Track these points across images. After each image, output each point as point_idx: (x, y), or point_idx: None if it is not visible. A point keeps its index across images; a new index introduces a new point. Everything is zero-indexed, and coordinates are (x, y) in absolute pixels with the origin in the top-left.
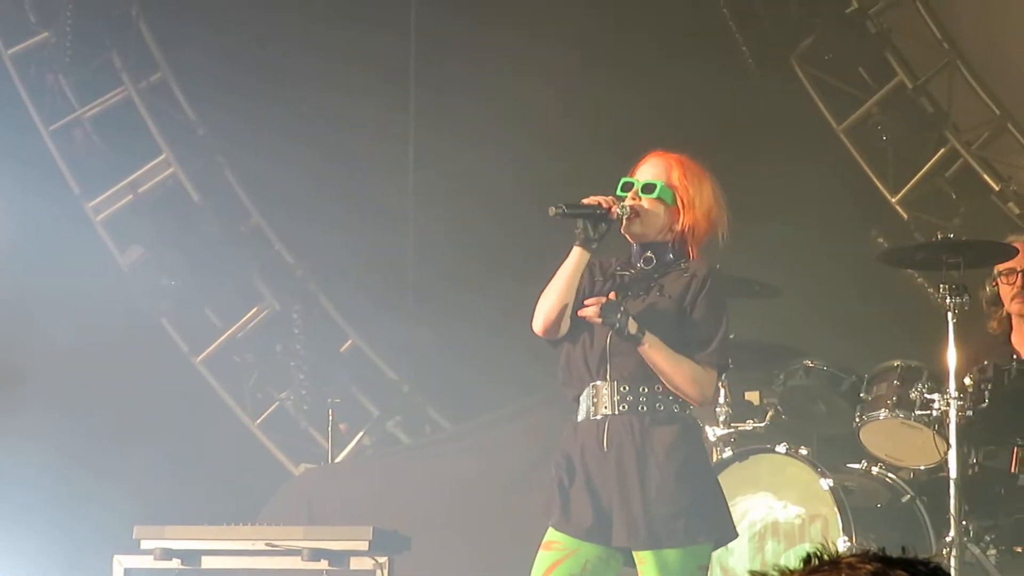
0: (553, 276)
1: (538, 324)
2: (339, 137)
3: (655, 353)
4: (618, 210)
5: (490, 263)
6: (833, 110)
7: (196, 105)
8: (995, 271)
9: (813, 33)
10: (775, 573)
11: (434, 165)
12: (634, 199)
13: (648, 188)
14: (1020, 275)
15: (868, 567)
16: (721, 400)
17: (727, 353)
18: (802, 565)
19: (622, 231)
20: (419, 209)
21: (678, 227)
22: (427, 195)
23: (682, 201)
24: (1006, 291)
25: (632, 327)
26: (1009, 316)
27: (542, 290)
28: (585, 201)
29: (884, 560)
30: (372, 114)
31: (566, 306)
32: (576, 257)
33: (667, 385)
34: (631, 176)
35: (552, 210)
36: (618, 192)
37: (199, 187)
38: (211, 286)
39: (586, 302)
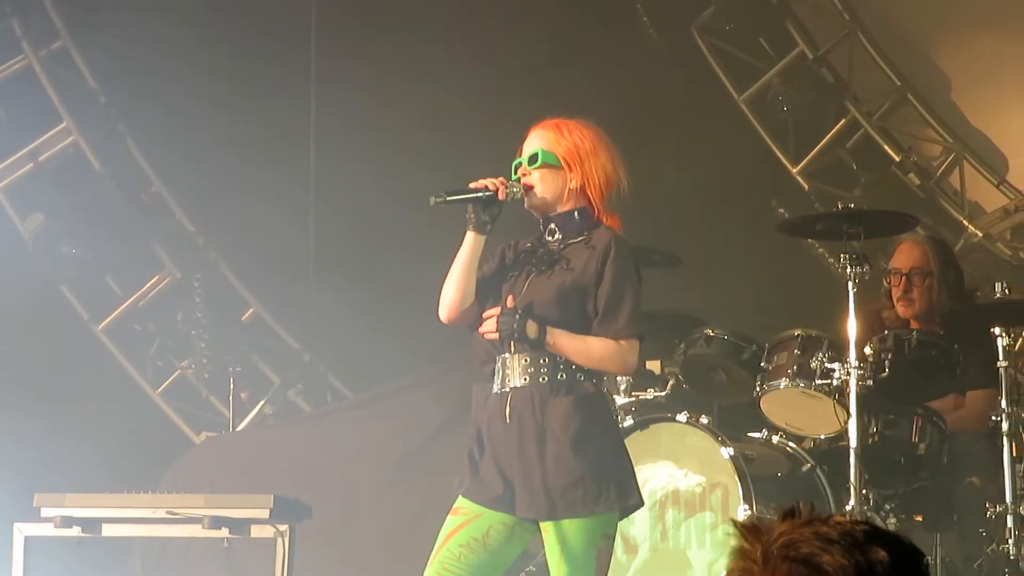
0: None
1: (443, 313)
2: (240, 105)
3: (562, 345)
4: (507, 191)
5: (391, 231)
6: (734, 80)
7: (98, 74)
8: (888, 267)
9: (714, 3)
10: (766, 518)
11: (336, 132)
12: (525, 175)
13: (532, 159)
14: (904, 278)
15: (860, 527)
16: None
17: (640, 321)
18: (781, 518)
19: (527, 208)
20: (320, 177)
21: (575, 186)
22: (328, 163)
23: (566, 160)
24: (893, 292)
25: (531, 330)
26: None
27: (447, 268)
28: (472, 185)
29: (872, 526)
30: (273, 80)
31: (467, 292)
32: (471, 242)
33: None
34: (519, 155)
35: (432, 199)
36: (513, 176)
37: (100, 155)
38: (112, 254)
39: (484, 316)
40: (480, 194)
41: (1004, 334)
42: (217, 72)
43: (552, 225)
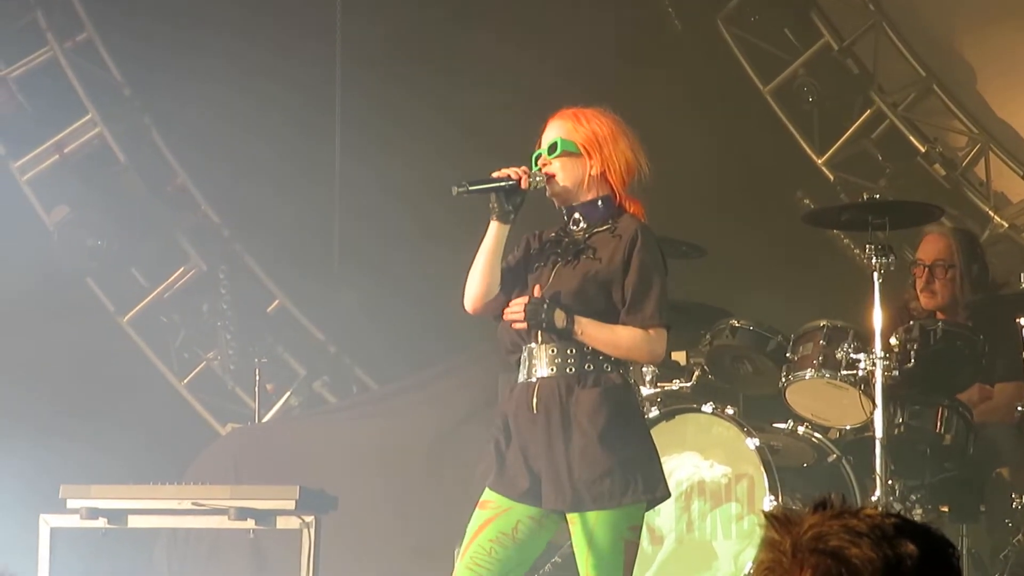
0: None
1: (468, 303)
2: (265, 97)
3: (590, 334)
4: (530, 180)
5: (415, 222)
6: (759, 71)
7: (122, 65)
8: (914, 259)
9: None
10: (796, 509)
11: (361, 125)
12: (545, 164)
13: (551, 149)
14: (926, 270)
15: (890, 520)
16: None
17: (666, 310)
18: (812, 509)
19: (549, 198)
20: (345, 168)
21: (595, 173)
22: (353, 155)
23: (585, 147)
24: (918, 283)
25: (560, 319)
26: None
27: (471, 259)
28: (495, 175)
29: (902, 519)
30: (299, 73)
31: (492, 282)
32: (494, 231)
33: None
34: (537, 147)
35: (455, 189)
36: (534, 168)
37: (125, 147)
38: (137, 246)
39: (511, 304)
40: (503, 183)
41: None
42: (243, 65)
43: (576, 214)
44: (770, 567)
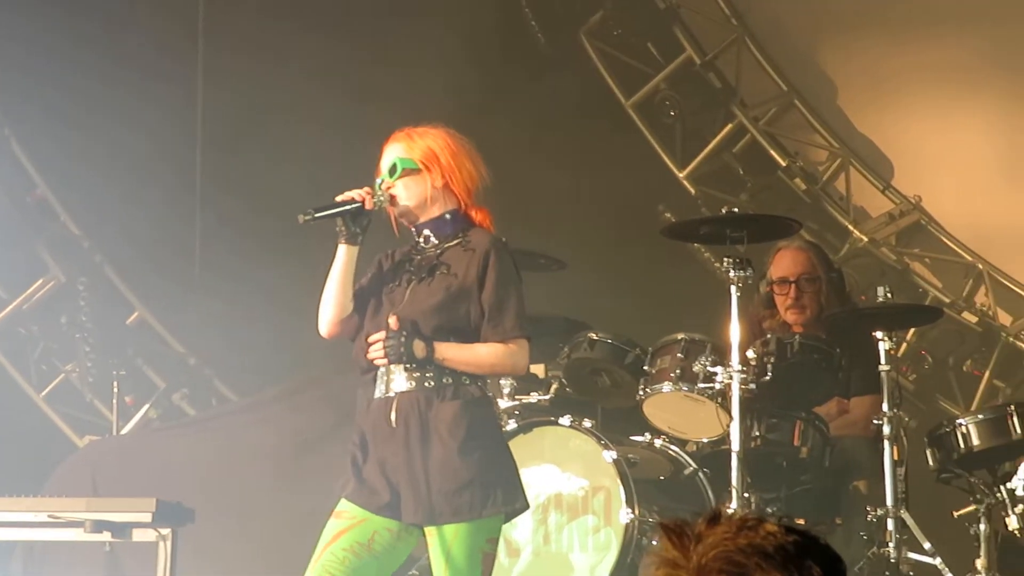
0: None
1: (323, 328)
2: (126, 108)
3: (452, 359)
4: (374, 200)
5: (276, 235)
6: (622, 85)
7: None
8: (768, 277)
9: (602, 8)
10: (689, 521)
11: (222, 135)
12: (389, 188)
13: (391, 170)
14: (793, 286)
15: (791, 538)
16: None
17: (526, 321)
18: (707, 523)
19: (398, 221)
20: (206, 180)
21: (439, 185)
22: (214, 166)
23: (423, 162)
24: (780, 300)
25: (419, 350)
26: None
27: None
28: (339, 198)
29: (801, 535)
30: (159, 82)
31: (345, 305)
32: (344, 254)
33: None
34: (378, 174)
35: (301, 218)
36: (377, 189)
37: None
38: None
39: (369, 341)
40: (348, 207)
41: (886, 338)
42: (102, 75)
43: (426, 231)
44: None
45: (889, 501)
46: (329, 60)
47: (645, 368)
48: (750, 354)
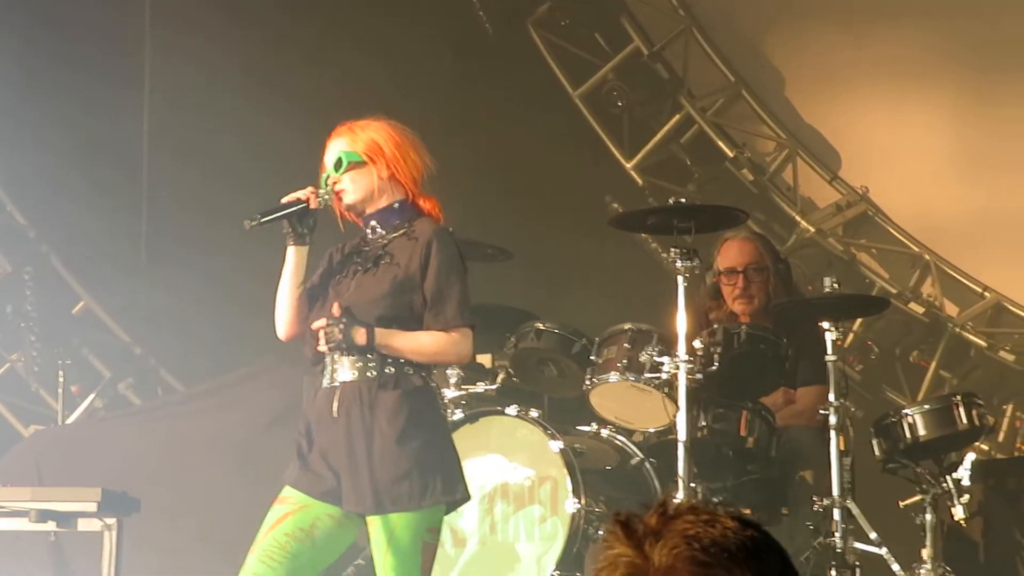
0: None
1: (280, 331)
2: (72, 95)
3: (394, 345)
4: (319, 199)
5: (223, 225)
6: (569, 76)
7: None
8: (715, 268)
9: None
10: (639, 516)
11: (170, 125)
12: (336, 183)
13: (336, 165)
14: (740, 276)
15: (748, 532)
16: None
17: (469, 309)
18: (657, 516)
19: (345, 213)
20: (153, 170)
21: (385, 176)
22: (162, 155)
23: (368, 154)
24: (728, 291)
25: (359, 337)
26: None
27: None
28: (284, 200)
29: (755, 528)
30: (106, 69)
31: (300, 306)
32: (292, 256)
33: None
34: (323, 170)
35: (247, 223)
36: (323, 186)
37: None
38: None
39: (313, 327)
40: (293, 207)
41: (833, 329)
42: (48, 66)
43: (373, 222)
44: None
45: (835, 491)
46: (274, 50)
47: (592, 358)
48: (697, 344)
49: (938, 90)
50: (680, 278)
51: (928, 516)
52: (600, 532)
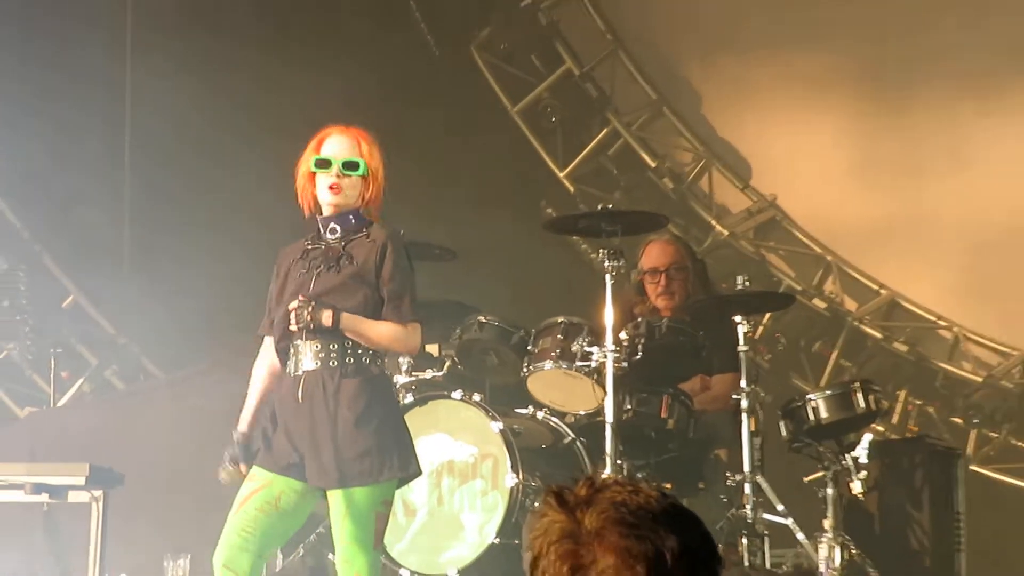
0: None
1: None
2: (57, 97)
3: (356, 329)
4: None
5: (202, 222)
6: (508, 94)
7: None
8: (640, 268)
9: (490, 25)
10: (580, 487)
11: (151, 124)
12: (338, 176)
13: (351, 166)
14: (663, 275)
15: (668, 501)
16: None
17: (417, 306)
18: (587, 488)
19: (327, 205)
20: (135, 180)
21: (367, 196)
22: (143, 155)
23: (371, 172)
24: (651, 288)
25: (326, 318)
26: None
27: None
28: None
29: (670, 498)
30: (89, 70)
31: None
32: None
33: (376, 348)
34: (318, 152)
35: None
36: (312, 168)
37: None
38: None
39: (288, 308)
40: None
41: (745, 322)
42: (39, 61)
43: (332, 223)
44: (569, 551)
45: (746, 467)
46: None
47: (529, 348)
48: (623, 336)
49: (839, 106)
50: (608, 276)
51: (829, 490)
52: (536, 503)
